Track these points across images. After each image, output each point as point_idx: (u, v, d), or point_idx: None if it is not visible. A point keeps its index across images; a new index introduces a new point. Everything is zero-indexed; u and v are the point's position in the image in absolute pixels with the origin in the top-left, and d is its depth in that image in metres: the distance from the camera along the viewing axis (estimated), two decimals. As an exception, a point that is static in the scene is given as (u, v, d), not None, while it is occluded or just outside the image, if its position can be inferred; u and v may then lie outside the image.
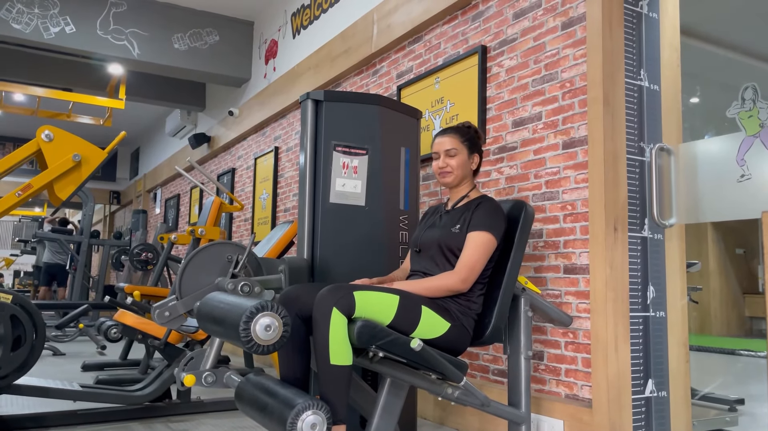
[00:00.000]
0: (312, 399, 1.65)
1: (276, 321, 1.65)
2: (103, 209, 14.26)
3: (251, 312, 1.63)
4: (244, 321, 1.62)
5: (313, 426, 1.61)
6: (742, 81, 2.18)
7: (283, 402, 1.67)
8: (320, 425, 1.63)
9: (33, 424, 2.79)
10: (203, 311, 1.92)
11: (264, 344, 1.64)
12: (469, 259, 1.94)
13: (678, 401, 2.40)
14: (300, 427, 1.60)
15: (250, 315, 1.63)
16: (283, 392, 1.73)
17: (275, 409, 1.68)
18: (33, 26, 5.12)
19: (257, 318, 1.63)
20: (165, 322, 2.23)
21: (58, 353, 5.44)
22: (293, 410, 1.61)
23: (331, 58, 4.41)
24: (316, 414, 1.62)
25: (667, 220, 2.37)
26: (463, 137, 2.15)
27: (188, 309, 2.25)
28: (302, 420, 1.61)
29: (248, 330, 1.62)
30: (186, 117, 7.98)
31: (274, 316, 1.65)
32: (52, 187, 3.00)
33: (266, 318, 1.64)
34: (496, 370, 2.80)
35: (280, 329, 1.66)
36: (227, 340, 1.77)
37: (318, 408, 1.63)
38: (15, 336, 2.61)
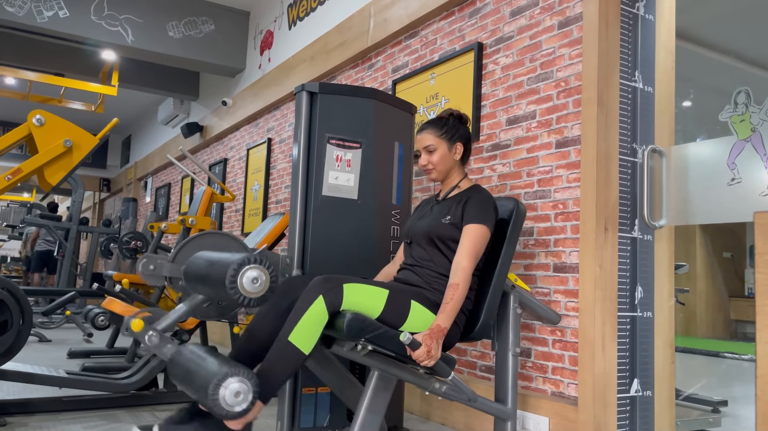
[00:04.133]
0: (240, 367, 1.57)
1: (263, 274, 1.63)
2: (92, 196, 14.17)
3: (238, 265, 1.61)
4: (232, 273, 1.60)
5: (236, 394, 1.54)
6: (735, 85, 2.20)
7: (209, 368, 1.60)
8: (245, 394, 1.55)
9: (17, 409, 2.78)
10: (190, 269, 1.88)
11: (251, 296, 1.61)
12: (470, 251, 1.92)
13: (662, 401, 2.42)
14: (222, 395, 1.53)
15: (237, 268, 1.61)
16: (213, 359, 1.65)
17: (201, 375, 1.60)
18: (26, 9, 5.06)
19: (244, 270, 1.61)
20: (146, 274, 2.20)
21: (44, 339, 5.41)
22: (217, 375, 1.54)
23: (326, 51, 4.40)
24: (241, 382, 1.55)
25: (657, 222, 2.39)
26: (440, 130, 2.10)
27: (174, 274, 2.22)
28: (225, 386, 1.53)
29: (235, 282, 1.60)
30: (179, 106, 7.93)
31: (262, 269, 1.63)
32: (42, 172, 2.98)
33: (253, 271, 1.62)
34: (483, 366, 2.82)
35: (267, 281, 1.64)
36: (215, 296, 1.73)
37: (245, 376, 1.56)
38: (1, 321, 2.59)
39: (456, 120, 2.14)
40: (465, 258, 1.91)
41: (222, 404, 1.53)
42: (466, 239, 1.95)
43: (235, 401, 1.54)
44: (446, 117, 2.14)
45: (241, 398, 1.55)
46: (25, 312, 2.65)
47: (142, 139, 10.59)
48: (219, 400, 1.53)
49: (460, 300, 1.86)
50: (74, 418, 2.77)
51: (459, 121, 2.15)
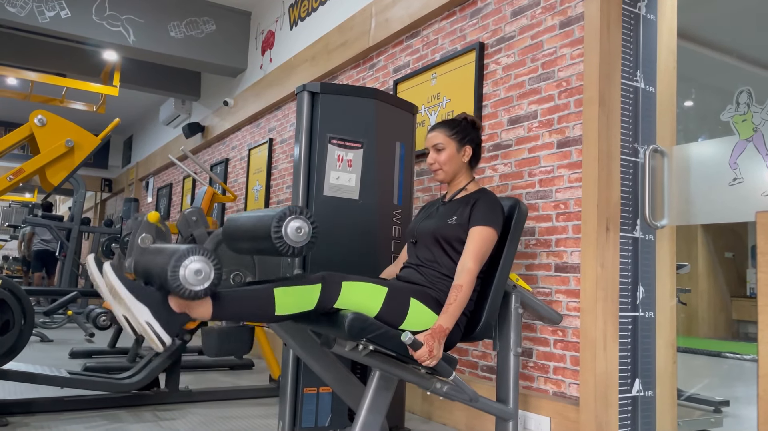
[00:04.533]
0: (205, 249, 1.53)
1: (306, 224, 1.67)
2: (94, 196, 14.18)
3: (283, 214, 1.65)
4: (277, 220, 1.64)
5: (197, 272, 1.50)
6: (736, 85, 2.19)
7: (171, 248, 1.55)
8: (206, 272, 1.51)
9: (20, 409, 2.78)
10: (230, 228, 1.88)
11: (294, 245, 1.65)
12: (476, 253, 1.92)
13: (664, 401, 2.42)
14: (183, 274, 1.48)
15: (282, 217, 1.65)
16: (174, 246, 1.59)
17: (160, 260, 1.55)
18: (28, 10, 5.07)
19: (288, 220, 1.65)
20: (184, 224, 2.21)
21: (46, 339, 5.41)
22: (176, 255, 1.49)
23: (327, 51, 4.40)
24: (202, 262, 1.50)
25: (659, 222, 2.39)
26: (451, 130, 2.11)
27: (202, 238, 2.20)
28: (185, 266, 1.49)
29: (280, 231, 1.63)
30: (180, 106, 7.93)
31: (305, 220, 1.67)
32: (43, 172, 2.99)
33: (297, 221, 1.66)
34: (485, 366, 2.81)
35: (310, 232, 1.68)
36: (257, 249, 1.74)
37: (207, 257, 1.51)
38: (3, 321, 2.59)
39: (468, 124, 2.15)
40: (470, 260, 1.91)
41: (182, 281, 1.48)
42: (472, 241, 1.95)
43: (195, 279, 1.49)
44: (459, 120, 2.15)
45: (202, 277, 1.50)
46: (27, 312, 2.65)
47: (144, 139, 10.60)
48: (179, 277, 1.48)
49: (463, 301, 1.86)
50: (76, 418, 2.78)
51: (471, 126, 2.16)
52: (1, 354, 2.59)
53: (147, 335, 1.53)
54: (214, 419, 2.86)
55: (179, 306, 1.59)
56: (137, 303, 1.55)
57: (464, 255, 1.93)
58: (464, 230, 2.00)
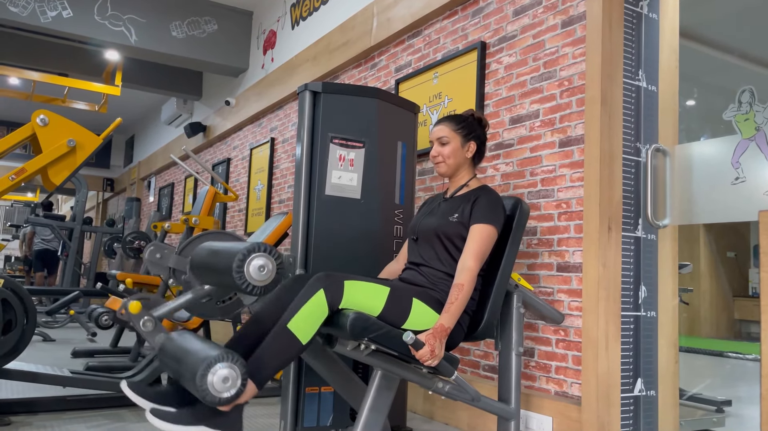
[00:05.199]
0: (229, 352, 1.55)
1: (270, 262, 1.64)
2: (96, 196, 14.19)
3: (245, 253, 1.62)
4: (239, 261, 1.60)
5: (225, 380, 1.53)
6: (739, 84, 2.19)
7: (198, 354, 1.58)
8: (233, 379, 1.54)
9: (22, 409, 2.79)
10: (197, 258, 1.88)
11: (258, 284, 1.62)
12: (476, 251, 1.92)
13: (666, 401, 2.42)
14: (211, 380, 1.51)
15: (244, 256, 1.61)
16: (201, 346, 1.63)
17: (189, 361, 1.59)
18: (30, 10, 5.07)
19: (251, 258, 1.61)
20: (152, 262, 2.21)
21: (48, 339, 5.42)
22: (206, 361, 1.52)
23: (329, 51, 4.40)
24: (230, 368, 1.53)
25: (661, 221, 2.38)
26: (457, 125, 2.12)
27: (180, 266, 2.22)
28: (213, 372, 1.52)
29: (242, 270, 1.60)
30: (182, 105, 7.94)
31: (268, 257, 1.64)
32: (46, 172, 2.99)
33: (260, 259, 1.62)
34: (486, 366, 2.81)
35: (273, 270, 1.64)
36: (222, 284, 1.73)
37: (233, 361, 1.54)
38: (5, 321, 2.60)
39: (475, 120, 2.16)
40: (471, 258, 1.91)
41: (210, 390, 1.52)
42: (472, 239, 1.95)
43: (223, 387, 1.53)
44: (467, 116, 2.16)
45: (229, 384, 1.53)
46: (29, 312, 2.66)
47: (146, 138, 10.61)
48: (207, 386, 1.51)
49: (464, 300, 1.86)
50: (78, 417, 2.78)
51: (478, 123, 2.16)
52: (4, 354, 2.60)
53: None
54: (216, 418, 2.86)
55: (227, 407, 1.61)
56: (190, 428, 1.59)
57: (464, 254, 1.93)
58: (465, 227, 2.00)
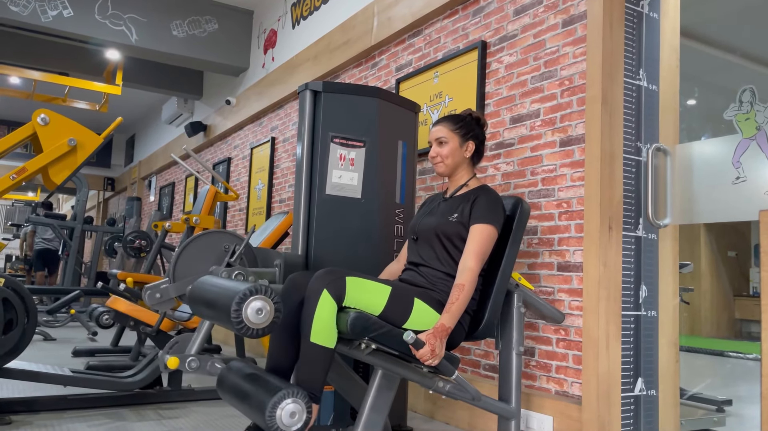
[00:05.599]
0: (292, 387, 1.63)
1: (268, 305, 1.65)
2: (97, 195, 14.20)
3: (243, 295, 1.62)
4: (236, 303, 1.61)
5: (292, 415, 1.61)
6: (740, 83, 2.19)
7: (263, 390, 1.66)
8: (299, 413, 1.62)
9: (23, 408, 2.79)
10: (195, 294, 1.91)
11: (255, 328, 1.63)
12: (476, 251, 1.93)
13: (667, 400, 2.42)
14: (279, 415, 1.60)
15: (242, 298, 1.62)
16: (264, 379, 1.72)
17: (255, 397, 1.67)
18: (31, 9, 5.07)
19: (249, 301, 1.62)
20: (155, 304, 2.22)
21: (48, 338, 5.43)
22: (273, 398, 1.60)
23: (330, 50, 4.40)
24: (295, 403, 1.62)
25: (662, 220, 2.38)
26: (455, 125, 2.12)
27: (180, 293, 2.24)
28: (281, 408, 1.60)
29: (240, 312, 1.61)
30: (183, 105, 7.94)
31: (266, 300, 1.65)
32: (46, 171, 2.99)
33: (258, 302, 1.63)
34: (487, 365, 2.81)
35: (272, 313, 1.66)
36: (218, 323, 1.77)
37: (297, 396, 1.62)
38: (6, 320, 2.60)
39: (473, 120, 2.16)
40: (471, 259, 1.91)
41: (279, 425, 1.60)
42: (472, 240, 1.95)
43: (291, 422, 1.61)
44: (465, 115, 2.16)
45: (296, 418, 1.62)
46: (30, 311, 2.66)
47: (146, 138, 10.61)
48: (276, 422, 1.60)
49: (465, 300, 1.86)
50: (79, 416, 2.78)
51: (476, 123, 2.16)
52: (5, 353, 2.60)
53: None
54: (216, 417, 2.87)
55: None
56: None
57: (465, 254, 1.93)
58: (465, 227, 2.00)
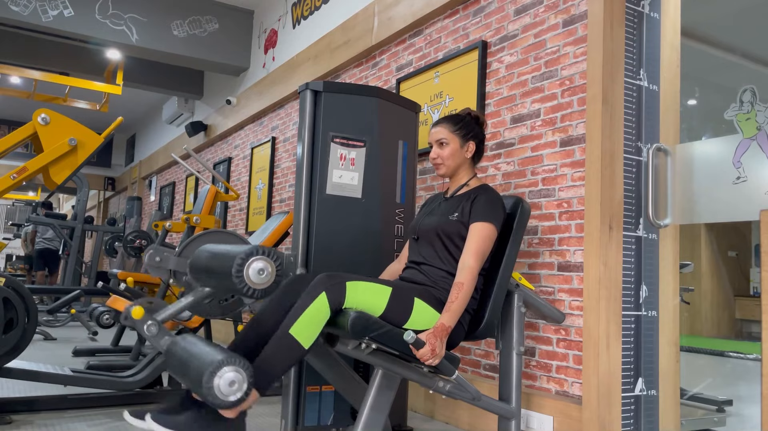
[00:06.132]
0: (236, 356, 1.56)
1: (269, 265, 1.63)
2: (97, 195, 14.20)
3: (245, 256, 1.61)
4: (238, 264, 1.60)
5: (231, 383, 1.53)
6: (740, 83, 2.19)
7: (204, 357, 1.59)
8: (239, 383, 1.54)
9: (23, 407, 2.79)
10: (196, 261, 1.88)
11: (257, 288, 1.61)
12: (476, 250, 1.92)
13: (667, 400, 2.42)
14: (217, 384, 1.52)
15: (243, 259, 1.61)
16: (208, 349, 1.63)
17: (195, 364, 1.59)
18: (31, 8, 5.08)
19: (250, 261, 1.61)
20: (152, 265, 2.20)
21: (49, 338, 5.43)
22: (212, 364, 1.53)
23: (330, 50, 4.40)
24: (236, 372, 1.54)
25: (662, 220, 2.38)
26: (455, 125, 2.11)
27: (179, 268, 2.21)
28: (220, 376, 1.52)
29: (241, 273, 1.60)
30: (183, 105, 7.94)
31: (268, 260, 1.63)
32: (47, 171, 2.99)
33: (260, 262, 1.62)
34: (487, 365, 2.81)
35: (273, 273, 1.64)
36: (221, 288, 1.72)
37: (240, 365, 1.54)
38: (7, 319, 2.60)
39: (473, 120, 2.15)
40: (471, 257, 1.91)
41: (216, 393, 1.52)
42: (472, 238, 1.95)
43: (229, 390, 1.53)
44: (464, 115, 2.15)
45: (235, 387, 1.54)
46: (31, 311, 2.66)
47: (147, 137, 10.61)
48: (213, 389, 1.52)
49: (465, 299, 1.86)
50: (79, 416, 2.78)
51: (476, 122, 2.16)
52: (5, 352, 2.60)
53: None
54: (216, 417, 2.86)
55: (232, 412, 1.62)
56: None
57: (464, 253, 1.93)
58: (465, 226, 2.00)
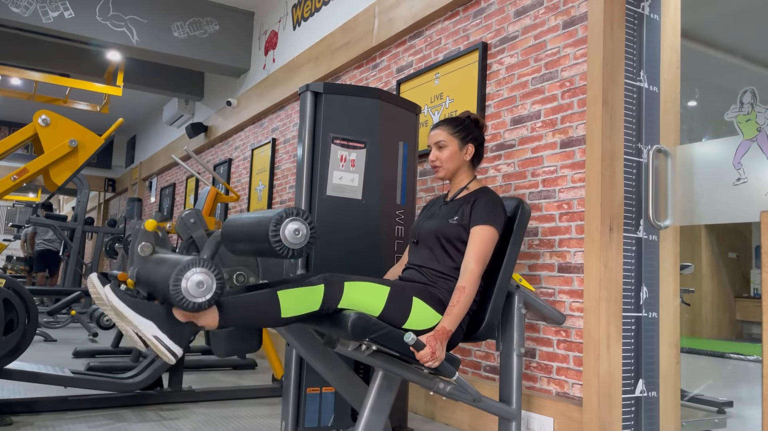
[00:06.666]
0: (205, 260, 1.54)
1: (304, 226, 1.67)
2: (97, 196, 14.20)
3: (280, 216, 1.66)
4: (274, 224, 1.64)
5: (199, 284, 1.51)
6: (740, 85, 2.19)
7: (173, 260, 1.58)
8: (208, 284, 1.52)
9: (23, 409, 2.79)
10: (228, 230, 1.89)
11: (292, 247, 1.65)
12: (478, 254, 1.92)
13: (667, 401, 2.42)
14: (185, 286, 1.50)
15: (279, 219, 1.66)
16: (175, 257, 1.62)
17: (161, 272, 1.58)
18: (32, 10, 5.08)
19: (286, 222, 1.66)
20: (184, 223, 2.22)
21: (49, 339, 5.42)
22: (178, 267, 1.51)
23: (331, 51, 4.40)
24: (204, 274, 1.52)
25: (663, 222, 2.38)
26: (454, 128, 2.11)
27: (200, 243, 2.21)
28: (187, 278, 1.50)
29: (278, 233, 1.64)
30: (184, 106, 7.94)
31: (303, 221, 1.68)
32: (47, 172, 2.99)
33: (295, 223, 1.67)
34: (488, 367, 2.81)
35: (308, 235, 1.68)
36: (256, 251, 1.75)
37: (208, 268, 1.53)
38: (7, 321, 2.60)
39: (472, 122, 2.15)
40: (472, 261, 1.91)
41: (184, 294, 1.50)
42: (473, 242, 1.95)
43: (197, 291, 1.51)
44: (463, 118, 2.15)
45: (204, 288, 1.52)
46: (31, 312, 2.66)
47: (147, 139, 10.62)
48: (181, 290, 1.50)
49: (466, 303, 1.86)
50: (79, 417, 2.78)
51: (475, 125, 2.15)
52: (5, 354, 2.60)
53: (157, 348, 1.55)
54: (217, 419, 2.87)
55: (185, 316, 1.60)
56: (141, 319, 1.56)
57: (466, 257, 1.93)
58: (465, 230, 2.00)
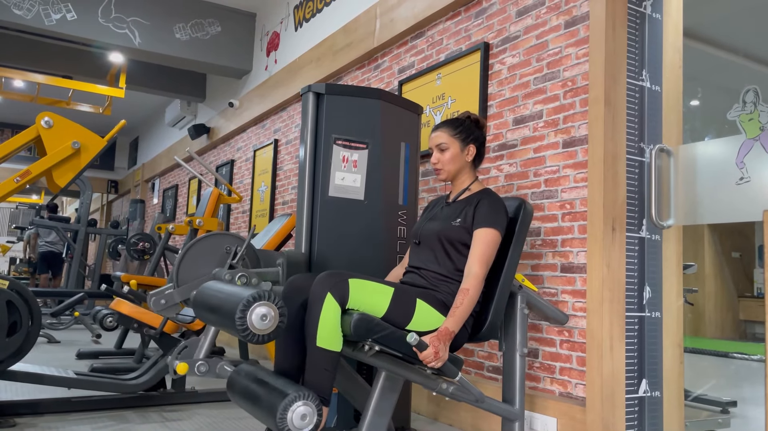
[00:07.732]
0: (303, 390, 1.66)
1: (272, 311, 1.66)
2: (100, 198, 14.23)
3: (248, 302, 1.64)
4: (241, 310, 1.63)
5: (303, 417, 1.63)
6: (743, 84, 2.18)
7: (274, 393, 1.68)
8: (310, 416, 1.64)
9: (27, 410, 2.80)
10: (200, 299, 1.92)
11: (259, 333, 1.65)
12: (481, 257, 1.93)
13: (671, 401, 2.41)
14: (290, 418, 1.62)
15: (246, 305, 1.64)
16: (274, 383, 1.74)
17: (266, 400, 1.69)
18: (34, 12, 5.09)
19: (253, 307, 1.64)
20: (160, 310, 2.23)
21: (53, 340, 5.44)
22: (284, 401, 1.62)
23: (332, 52, 4.40)
24: (306, 405, 1.64)
25: (665, 221, 2.38)
26: (455, 130, 2.11)
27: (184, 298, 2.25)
28: (292, 411, 1.62)
29: (244, 319, 1.63)
30: (186, 107, 7.96)
31: (271, 306, 1.66)
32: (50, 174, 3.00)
33: (262, 308, 1.65)
34: (491, 367, 2.81)
35: (276, 319, 1.68)
36: (223, 329, 1.78)
37: (308, 398, 1.65)
38: (11, 322, 2.61)
39: (472, 123, 2.14)
40: (476, 264, 1.91)
41: (291, 427, 1.63)
42: (476, 244, 1.95)
43: (302, 424, 1.64)
44: (463, 119, 2.15)
45: (307, 420, 1.64)
46: (34, 314, 2.66)
47: (150, 140, 10.63)
48: (287, 424, 1.62)
49: (470, 305, 1.86)
50: (83, 419, 2.79)
51: (475, 125, 2.15)
52: (9, 355, 2.60)
53: None
54: (220, 419, 2.87)
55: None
56: None
57: (470, 260, 1.93)
58: (468, 232, 2.00)
